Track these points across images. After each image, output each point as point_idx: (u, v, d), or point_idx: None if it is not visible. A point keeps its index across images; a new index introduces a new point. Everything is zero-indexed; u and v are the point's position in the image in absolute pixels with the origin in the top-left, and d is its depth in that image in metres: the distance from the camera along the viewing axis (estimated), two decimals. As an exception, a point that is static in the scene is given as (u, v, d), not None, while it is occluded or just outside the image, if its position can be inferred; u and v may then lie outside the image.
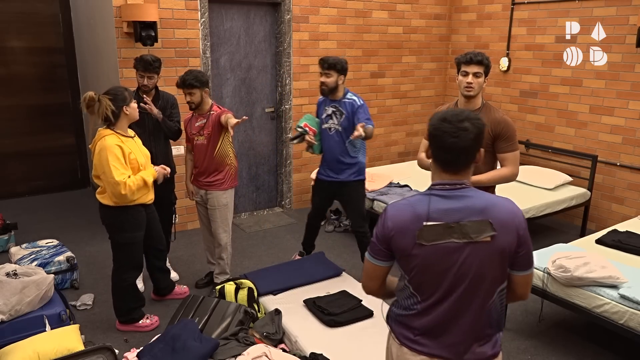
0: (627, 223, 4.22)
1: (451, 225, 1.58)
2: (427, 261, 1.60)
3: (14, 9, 5.52)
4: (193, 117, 3.67)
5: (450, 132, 1.57)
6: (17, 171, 5.85)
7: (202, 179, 3.70)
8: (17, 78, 5.67)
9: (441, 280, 1.61)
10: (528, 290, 1.72)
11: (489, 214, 1.58)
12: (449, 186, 1.62)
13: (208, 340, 2.75)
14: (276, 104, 5.48)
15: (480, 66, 2.81)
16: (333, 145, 3.80)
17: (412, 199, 1.67)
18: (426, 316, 1.66)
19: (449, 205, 1.59)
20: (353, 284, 3.63)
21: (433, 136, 1.61)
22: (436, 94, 6.49)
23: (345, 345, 2.91)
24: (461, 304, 1.62)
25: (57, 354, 2.63)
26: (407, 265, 1.64)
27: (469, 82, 2.82)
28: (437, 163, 1.64)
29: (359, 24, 5.61)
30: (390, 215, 1.65)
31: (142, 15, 4.16)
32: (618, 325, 2.91)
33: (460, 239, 1.58)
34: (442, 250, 1.58)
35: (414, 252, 1.60)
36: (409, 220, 1.60)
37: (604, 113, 4.96)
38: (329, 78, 3.69)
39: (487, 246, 1.58)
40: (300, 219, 5.43)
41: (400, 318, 1.74)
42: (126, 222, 3.13)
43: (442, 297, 1.63)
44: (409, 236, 1.60)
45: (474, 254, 1.58)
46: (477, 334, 1.66)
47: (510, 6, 5.61)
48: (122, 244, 3.20)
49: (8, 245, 4.44)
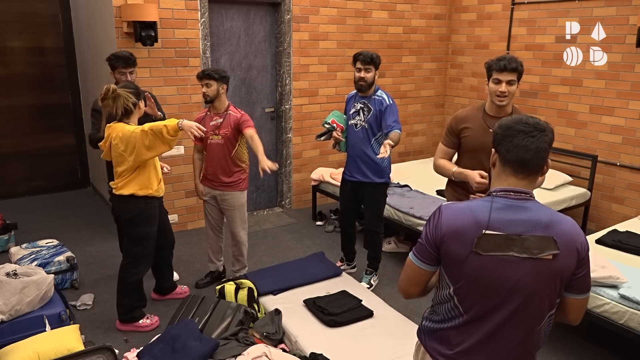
0: (627, 223, 4.22)
1: (512, 237, 1.46)
2: (481, 273, 1.48)
3: (14, 9, 5.52)
4: (207, 116, 3.66)
5: (528, 132, 1.49)
6: (17, 171, 5.85)
7: (217, 179, 3.69)
8: (17, 78, 5.67)
9: (492, 295, 1.50)
10: (581, 315, 1.61)
11: (554, 230, 1.47)
12: (513, 194, 1.51)
13: (208, 340, 2.75)
14: (276, 104, 5.48)
15: (514, 73, 2.64)
16: (357, 142, 3.75)
17: (472, 203, 1.55)
18: (468, 332, 1.55)
19: (513, 215, 1.48)
20: (353, 284, 3.63)
21: (506, 136, 1.51)
22: (436, 94, 6.48)
23: (345, 345, 2.91)
24: (509, 324, 1.51)
25: (57, 354, 2.63)
26: (457, 273, 1.52)
27: (502, 91, 2.65)
28: (507, 165, 1.52)
29: (359, 24, 5.61)
30: (445, 217, 1.53)
31: (142, 15, 4.16)
32: (618, 325, 2.91)
33: (520, 253, 1.46)
34: (499, 263, 1.47)
35: (468, 261, 1.49)
36: (466, 226, 1.49)
37: (604, 113, 4.96)
38: (368, 73, 3.64)
39: (547, 264, 1.47)
40: (300, 219, 5.43)
41: (436, 333, 1.63)
42: (145, 216, 3.20)
43: (489, 313, 1.51)
44: (464, 242, 1.48)
45: (532, 271, 1.47)
46: (519, 358, 1.56)
47: (510, 6, 5.61)
48: (139, 239, 3.25)
49: (8, 245, 4.44)
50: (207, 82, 3.55)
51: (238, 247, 3.89)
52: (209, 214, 3.88)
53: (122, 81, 3.58)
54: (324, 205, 5.62)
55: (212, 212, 3.86)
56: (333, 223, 5.19)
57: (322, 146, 5.70)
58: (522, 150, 1.48)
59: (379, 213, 3.90)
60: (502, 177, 1.54)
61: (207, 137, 3.61)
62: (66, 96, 6.00)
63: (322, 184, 5.33)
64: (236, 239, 3.86)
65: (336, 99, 5.63)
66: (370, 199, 3.85)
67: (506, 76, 2.63)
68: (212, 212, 3.86)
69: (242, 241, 3.88)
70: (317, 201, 5.46)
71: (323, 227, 5.25)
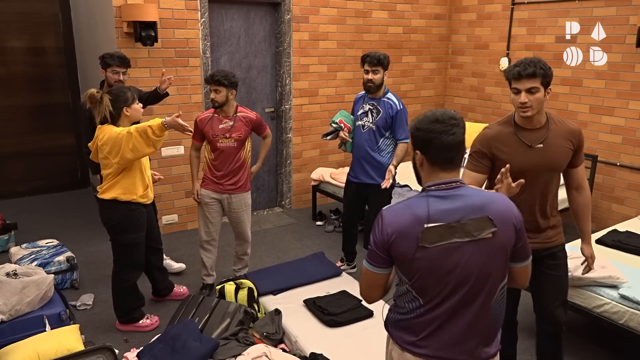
0: (627, 223, 4.22)
1: (452, 224, 1.56)
2: (431, 264, 1.57)
3: (14, 9, 5.52)
4: (215, 118, 3.54)
5: (446, 131, 1.58)
6: (17, 171, 5.85)
7: (225, 182, 3.61)
8: (17, 78, 5.67)
9: (445, 281, 1.58)
10: (528, 278, 1.78)
11: (488, 210, 1.59)
12: (444, 186, 1.61)
13: (208, 340, 2.75)
14: (276, 104, 5.48)
15: (535, 79, 2.26)
16: (363, 143, 3.73)
17: (408, 201, 1.64)
18: (429, 319, 1.63)
19: (448, 205, 1.58)
20: (353, 284, 3.63)
21: (428, 139, 1.60)
22: (436, 94, 6.48)
23: (345, 345, 2.91)
24: (465, 304, 1.61)
25: (57, 354, 2.63)
26: (409, 269, 1.60)
27: (522, 102, 2.28)
28: (435, 164, 1.62)
29: (359, 24, 5.61)
30: (388, 220, 1.60)
31: (142, 15, 4.16)
32: (618, 325, 2.90)
33: (462, 238, 1.56)
34: (445, 251, 1.56)
35: (417, 256, 1.57)
36: (409, 224, 1.57)
37: (604, 113, 4.96)
38: (376, 75, 3.63)
39: (489, 243, 1.58)
40: (300, 219, 5.43)
41: (401, 323, 1.71)
42: (129, 223, 3.13)
43: (445, 298, 1.60)
44: (410, 240, 1.56)
45: (477, 251, 1.58)
46: (481, 334, 1.65)
47: (510, 6, 5.61)
48: (125, 245, 3.19)
49: (8, 245, 4.44)
50: (217, 88, 3.42)
51: (244, 246, 3.87)
52: (209, 221, 3.68)
53: (114, 81, 3.55)
54: (324, 205, 5.62)
55: (214, 217, 3.68)
56: (333, 223, 5.19)
57: (322, 146, 5.70)
58: (446, 150, 1.60)
59: None
60: (432, 175, 1.64)
61: (217, 140, 3.52)
62: (66, 96, 6.00)
63: (322, 184, 5.33)
64: (244, 238, 3.83)
65: (336, 99, 5.63)
66: (374, 200, 3.84)
67: (524, 84, 2.26)
68: (213, 217, 3.68)
69: (249, 240, 3.87)
70: (317, 201, 5.46)
71: (323, 227, 5.25)
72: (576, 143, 2.42)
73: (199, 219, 3.76)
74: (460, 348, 1.64)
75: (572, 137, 2.41)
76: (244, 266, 3.94)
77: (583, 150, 2.48)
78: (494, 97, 5.89)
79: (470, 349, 1.64)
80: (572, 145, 2.41)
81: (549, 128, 2.39)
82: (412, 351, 1.67)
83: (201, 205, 3.70)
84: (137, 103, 3.05)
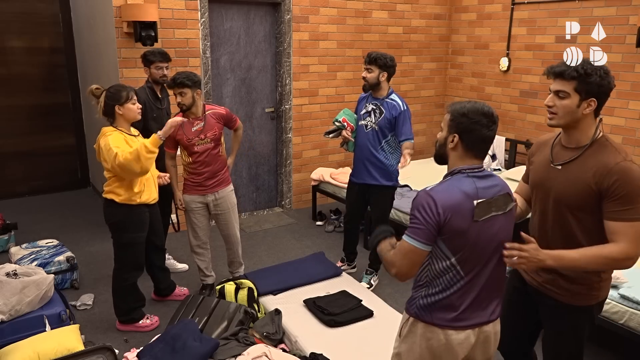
0: (627, 223, 4.20)
1: (490, 200, 1.77)
2: (478, 236, 1.75)
3: (14, 9, 5.52)
4: (185, 123, 3.39)
5: (488, 125, 1.75)
6: (17, 171, 5.85)
7: (211, 182, 3.54)
8: (17, 78, 5.67)
9: (484, 253, 1.78)
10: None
11: (506, 188, 1.85)
12: (477, 169, 1.80)
13: (208, 340, 2.75)
14: (276, 104, 5.48)
15: (564, 81, 1.87)
16: (366, 143, 3.71)
17: (451, 182, 1.79)
18: (468, 291, 1.79)
19: (485, 183, 1.79)
20: (353, 284, 3.63)
21: (471, 129, 1.75)
22: (436, 94, 6.48)
23: (345, 345, 2.91)
24: (493, 271, 1.82)
25: (57, 354, 2.63)
26: (461, 243, 1.74)
27: (546, 103, 1.94)
28: (470, 151, 1.79)
29: (359, 24, 5.61)
30: (440, 199, 1.72)
31: (142, 15, 4.16)
32: (618, 325, 2.91)
33: (497, 212, 1.79)
34: (487, 224, 1.76)
35: (470, 230, 1.73)
36: (461, 201, 1.73)
37: (604, 113, 4.92)
38: (369, 73, 3.62)
39: (510, 215, 1.85)
40: (300, 219, 5.43)
41: (438, 303, 1.81)
42: (129, 222, 3.13)
43: (483, 267, 1.80)
44: (464, 215, 1.72)
45: (505, 222, 1.82)
46: (498, 293, 1.89)
47: (510, 6, 5.61)
48: (124, 244, 3.20)
49: (8, 245, 4.44)
50: (181, 90, 3.29)
51: (234, 249, 3.79)
52: (197, 227, 3.63)
53: (159, 76, 3.64)
54: (324, 205, 5.62)
55: (201, 222, 3.63)
56: (333, 223, 5.19)
57: (323, 146, 5.70)
58: (484, 141, 1.79)
59: (385, 216, 3.86)
60: (464, 159, 1.81)
61: (193, 144, 3.41)
62: (66, 96, 6.00)
63: (322, 184, 5.33)
64: (232, 240, 3.75)
65: (336, 99, 5.63)
66: (377, 201, 3.83)
67: (555, 84, 1.91)
68: (200, 222, 3.62)
69: (239, 241, 3.80)
70: (317, 201, 5.46)
71: (323, 227, 5.25)
72: (602, 184, 1.83)
73: (187, 226, 3.70)
74: (488, 310, 1.85)
75: (599, 175, 1.83)
76: (239, 266, 3.91)
77: (624, 204, 1.80)
78: (494, 97, 5.89)
79: (494, 309, 1.87)
80: (593, 184, 1.85)
81: (585, 153, 1.90)
82: (454, 326, 1.80)
83: (187, 212, 3.63)
84: (134, 103, 3.02)
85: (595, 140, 1.91)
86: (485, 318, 1.84)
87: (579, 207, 1.92)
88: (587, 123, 1.91)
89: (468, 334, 1.81)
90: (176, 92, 3.33)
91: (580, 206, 1.91)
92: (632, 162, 1.85)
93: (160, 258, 3.65)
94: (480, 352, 1.89)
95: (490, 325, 1.87)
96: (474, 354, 1.88)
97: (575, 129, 1.93)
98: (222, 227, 3.71)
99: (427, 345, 1.83)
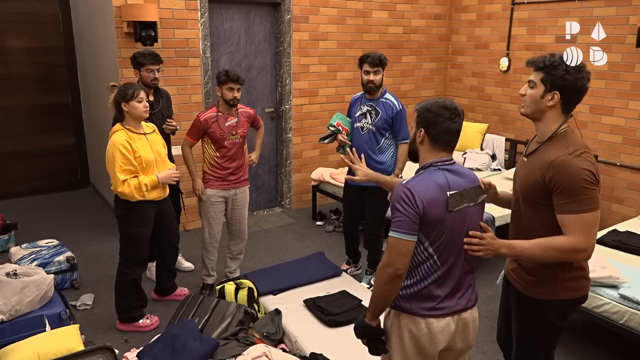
0: (627, 223, 4.22)
1: (462, 192, 1.84)
2: (453, 225, 1.83)
3: (14, 9, 5.52)
4: (220, 117, 3.54)
5: (451, 118, 1.84)
6: (17, 171, 5.85)
7: (234, 177, 3.68)
8: (17, 78, 5.67)
9: (458, 242, 1.86)
10: None
11: (477, 181, 1.93)
12: (447, 162, 1.88)
13: (208, 340, 2.75)
14: (276, 104, 5.48)
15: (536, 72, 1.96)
16: (363, 145, 3.69)
17: (424, 175, 1.86)
18: (445, 280, 1.87)
19: (456, 176, 1.86)
20: (353, 284, 3.63)
21: (435, 122, 1.84)
22: (436, 94, 6.48)
23: (345, 345, 2.91)
24: (467, 260, 1.91)
25: (57, 354, 2.63)
26: (437, 232, 1.81)
27: (520, 92, 2.05)
28: (436, 144, 1.87)
29: (359, 24, 5.61)
30: (417, 193, 1.79)
31: (142, 15, 4.16)
32: (618, 325, 2.91)
33: (469, 203, 1.87)
34: (460, 215, 1.84)
35: (446, 219, 1.81)
36: (436, 192, 1.80)
37: (604, 113, 4.96)
38: (377, 75, 3.62)
39: (481, 206, 1.95)
40: (300, 219, 5.43)
41: (417, 294, 1.88)
42: (131, 216, 3.19)
43: (457, 256, 1.87)
44: (439, 206, 1.80)
45: (476, 213, 1.91)
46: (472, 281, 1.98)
47: (510, 6, 5.61)
48: (127, 237, 3.25)
49: (8, 245, 4.44)
50: (239, 87, 3.50)
51: (242, 245, 3.92)
52: (213, 220, 3.70)
53: (150, 80, 3.56)
54: (324, 205, 5.62)
55: (218, 217, 3.71)
56: (333, 223, 5.19)
57: (322, 146, 5.70)
58: (449, 133, 1.86)
59: (382, 218, 3.87)
60: (432, 152, 1.89)
61: (224, 138, 3.55)
62: (66, 96, 6.00)
63: (322, 184, 5.33)
64: (242, 236, 3.88)
65: (336, 99, 5.63)
66: (373, 203, 3.82)
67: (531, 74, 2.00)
68: (217, 217, 3.71)
69: (247, 238, 3.93)
70: (317, 201, 5.46)
71: (323, 227, 5.25)
72: (546, 179, 1.89)
73: (203, 219, 3.75)
74: (465, 297, 1.92)
75: (543, 168, 1.90)
76: (238, 266, 3.96)
77: (565, 197, 1.85)
78: (493, 97, 5.89)
79: (470, 296, 1.95)
80: (540, 178, 1.91)
81: (542, 146, 1.98)
82: (435, 315, 1.87)
83: (206, 205, 3.68)
84: (139, 102, 3.04)
85: (556, 134, 1.96)
86: (463, 305, 1.92)
87: (533, 200, 2.00)
88: (552, 116, 1.97)
89: (448, 321, 1.88)
90: (233, 87, 3.48)
91: (533, 199, 1.99)
92: (580, 156, 1.87)
93: (172, 260, 3.67)
94: (460, 340, 1.95)
95: (468, 312, 1.94)
96: (455, 341, 1.94)
97: (541, 121, 2.01)
98: (236, 222, 3.81)
99: (410, 335, 1.89)
